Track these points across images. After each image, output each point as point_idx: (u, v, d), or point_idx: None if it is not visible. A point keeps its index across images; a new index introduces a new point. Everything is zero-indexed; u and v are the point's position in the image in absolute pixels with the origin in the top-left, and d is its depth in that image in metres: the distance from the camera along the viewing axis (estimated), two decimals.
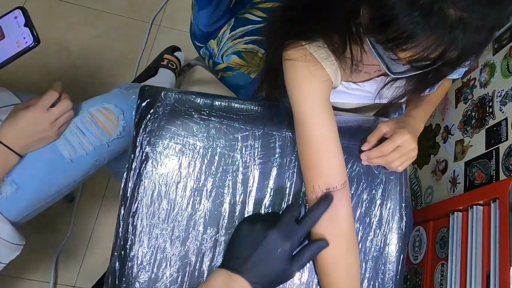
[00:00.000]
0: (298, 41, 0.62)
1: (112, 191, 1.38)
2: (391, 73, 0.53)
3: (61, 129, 0.76)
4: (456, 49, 0.46)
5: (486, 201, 0.87)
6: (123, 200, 0.67)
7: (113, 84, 1.44)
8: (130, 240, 0.66)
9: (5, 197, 0.73)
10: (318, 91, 0.63)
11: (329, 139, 0.63)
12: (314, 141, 0.63)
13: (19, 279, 1.25)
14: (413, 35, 0.45)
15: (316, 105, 0.63)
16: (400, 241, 0.72)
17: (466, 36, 0.45)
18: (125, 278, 0.65)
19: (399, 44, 0.47)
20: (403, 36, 0.46)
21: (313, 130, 0.63)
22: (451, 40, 0.45)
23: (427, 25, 0.44)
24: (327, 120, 0.63)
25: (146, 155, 0.69)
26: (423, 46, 0.46)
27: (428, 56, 0.47)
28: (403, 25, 0.45)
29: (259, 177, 0.71)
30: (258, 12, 1.05)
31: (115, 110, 0.81)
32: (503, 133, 0.91)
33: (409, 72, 0.53)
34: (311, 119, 0.63)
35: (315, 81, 0.62)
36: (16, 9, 0.63)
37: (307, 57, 0.61)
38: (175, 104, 0.72)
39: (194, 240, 0.67)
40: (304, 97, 0.63)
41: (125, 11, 1.59)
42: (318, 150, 0.63)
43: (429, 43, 0.46)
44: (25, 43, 0.63)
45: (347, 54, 0.57)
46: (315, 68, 0.62)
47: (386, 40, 0.48)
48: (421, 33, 0.45)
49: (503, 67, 0.96)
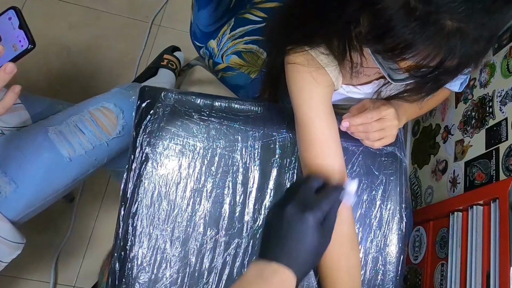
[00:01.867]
0: (300, 46, 0.62)
1: (112, 191, 1.38)
2: (392, 80, 0.53)
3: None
4: (454, 58, 0.46)
5: (486, 201, 0.87)
6: (123, 201, 0.67)
7: (113, 84, 1.43)
8: (130, 241, 0.66)
9: (4, 196, 0.73)
10: (321, 95, 0.63)
11: (331, 142, 0.63)
12: (316, 143, 0.63)
13: (19, 279, 1.25)
14: (411, 45, 0.45)
15: (319, 108, 0.63)
16: (400, 242, 0.72)
17: (464, 45, 0.45)
18: (125, 279, 0.65)
19: (398, 54, 0.47)
20: (401, 46, 0.46)
21: (315, 133, 0.63)
22: (448, 50, 0.45)
23: (424, 35, 0.44)
24: (329, 123, 0.63)
25: (146, 156, 0.69)
26: (421, 56, 0.46)
27: (427, 65, 0.48)
28: (401, 35, 0.45)
29: (259, 178, 0.71)
30: (258, 12, 1.05)
31: (114, 110, 0.81)
32: (503, 133, 0.91)
33: (409, 79, 0.53)
34: (314, 122, 0.63)
35: (318, 85, 0.62)
36: (9, 10, 0.59)
37: (310, 61, 0.62)
38: (175, 104, 0.72)
39: (194, 241, 0.67)
40: (306, 101, 0.63)
41: (125, 11, 1.59)
42: (320, 152, 0.64)
43: (427, 52, 0.46)
44: (20, 47, 0.58)
45: (347, 58, 0.57)
46: (318, 73, 0.62)
47: (385, 50, 0.48)
48: (419, 43, 0.45)
49: (503, 67, 0.96)
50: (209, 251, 0.67)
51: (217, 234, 0.68)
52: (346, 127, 0.67)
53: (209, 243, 0.68)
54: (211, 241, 0.68)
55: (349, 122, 0.66)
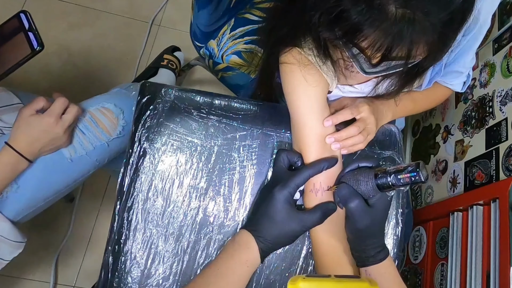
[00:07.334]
0: (288, 45, 0.62)
1: (112, 191, 1.38)
2: (364, 73, 0.53)
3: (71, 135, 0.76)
4: (405, 44, 0.47)
5: (486, 201, 0.87)
6: (119, 195, 0.67)
7: (113, 84, 1.44)
8: (125, 235, 0.66)
9: (5, 196, 0.73)
10: (315, 93, 0.63)
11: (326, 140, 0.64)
12: (311, 141, 0.64)
13: (19, 279, 1.25)
14: (361, 29, 0.47)
15: (313, 107, 0.63)
16: (395, 247, 0.72)
17: (415, 32, 0.46)
18: (117, 273, 0.65)
19: (350, 39, 0.48)
20: (352, 30, 0.47)
21: (310, 131, 0.64)
22: (397, 34, 0.46)
23: (371, 19, 0.46)
24: (325, 121, 0.64)
25: (144, 150, 0.69)
26: (371, 40, 0.47)
27: (391, 55, 0.48)
28: (350, 19, 0.46)
29: (256, 176, 0.71)
30: (258, 12, 1.05)
31: (114, 110, 0.81)
32: (503, 133, 0.91)
33: (380, 72, 0.53)
34: (309, 121, 0.64)
35: (311, 84, 0.63)
36: (20, 13, 0.63)
37: (300, 61, 0.62)
38: (174, 101, 0.72)
39: (188, 237, 0.68)
40: (300, 99, 0.64)
41: (125, 11, 1.59)
42: (316, 150, 0.64)
43: (376, 37, 0.47)
44: (30, 48, 0.62)
45: (334, 57, 0.57)
46: (310, 72, 0.62)
47: (338, 36, 0.49)
48: (367, 27, 0.46)
49: (503, 67, 0.96)
50: (202, 248, 0.68)
51: (211, 231, 0.68)
52: (328, 125, 0.66)
53: (203, 240, 0.68)
54: (205, 238, 0.68)
55: (335, 139, 0.65)
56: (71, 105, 0.73)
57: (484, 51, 1.05)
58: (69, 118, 0.72)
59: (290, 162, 0.66)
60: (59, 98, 0.72)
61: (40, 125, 0.70)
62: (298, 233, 0.61)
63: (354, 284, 0.43)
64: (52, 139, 0.72)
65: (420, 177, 0.53)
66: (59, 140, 0.73)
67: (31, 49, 0.63)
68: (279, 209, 0.59)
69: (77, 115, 0.74)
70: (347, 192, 0.58)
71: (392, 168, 0.56)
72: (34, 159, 0.73)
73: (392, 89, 0.62)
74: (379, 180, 0.56)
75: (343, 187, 0.59)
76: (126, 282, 0.65)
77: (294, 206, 0.61)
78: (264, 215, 0.61)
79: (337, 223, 0.63)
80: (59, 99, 0.72)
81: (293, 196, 0.61)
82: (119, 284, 0.65)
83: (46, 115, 0.71)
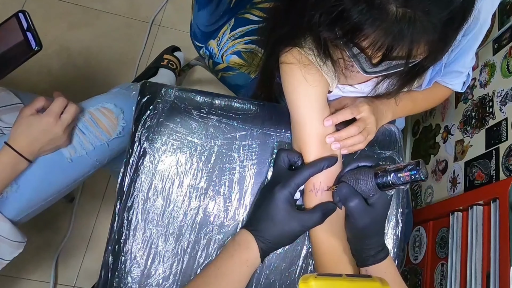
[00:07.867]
0: (288, 45, 0.62)
1: (112, 191, 1.38)
2: (365, 72, 0.53)
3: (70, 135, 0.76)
4: (406, 43, 0.47)
5: (486, 201, 0.87)
6: (119, 195, 0.67)
7: (113, 84, 1.43)
8: (125, 235, 0.66)
9: (5, 196, 0.73)
10: (315, 93, 0.63)
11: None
12: (312, 141, 0.64)
13: (19, 279, 1.25)
14: (361, 29, 0.47)
15: (314, 107, 0.64)
16: (395, 247, 0.72)
17: (415, 32, 0.46)
18: (117, 273, 0.65)
19: (351, 39, 0.48)
20: (352, 30, 0.47)
21: (310, 131, 0.64)
22: (397, 34, 0.46)
23: (371, 18, 0.46)
24: (325, 121, 0.64)
25: (144, 150, 0.69)
26: (372, 39, 0.47)
27: (392, 55, 0.48)
28: (350, 18, 0.46)
29: (256, 176, 0.71)
30: (258, 12, 1.05)
31: (114, 110, 0.81)
32: (503, 133, 0.91)
33: (381, 72, 0.53)
34: (309, 121, 0.64)
35: (312, 84, 0.63)
36: (18, 13, 0.62)
37: (302, 60, 0.62)
38: (175, 101, 0.72)
39: (188, 237, 0.68)
40: (301, 100, 0.64)
41: (125, 11, 1.59)
42: (316, 150, 0.64)
43: (377, 37, 0.47)
44: (28, 48, 0.62)
45: (335, 57, 0.57)
46: (310, 72, 0.62)
47: (339, 36, 0.49)
48: (368, 27, 0.46)
49: (503, 67, 0.96)
50: (202, 248, 0.68)
51: (211, 231, 0.68)
52: (328, 125, 0.66)
53: (203, 240, 0.68)
54: (205, 238, 0.68)
55: (335, 139, 0.65)
56: (70, 105, 0.74)
57: (484, 51, 1.05)
58: (67, 118, 0.72)
59: (290, 161, 0.66)
60: (58, 98, 0.72)
61: (39, 125, 0.70)
62: (298, 233, 0.61)
63: (366, 283, 0.43)
64: (52, 139, 0.72)
65: (420, 175, 0.53)
66: (59, 140, 0.73)
67: (29, 49, 0.62)
68: (280, 209, 0.59)
69: (75, 114, 0.74)
70: (347, 192, 0.58)
71: (392, 167, 0.56)
72: (34, 159, 0.73)
73: (392, 89, 0.62)
74: (379, 179, 0.56)
75: (343, 187, 0.59)
76: (126, 282, 0.65)
77: (294, 206, 0.61)
78: (264, 215, 0.61)
79: (337, 222, 0.63)
80: (58, 99, 0.72)
81: (293, 195, 0.61)
82: (119, 284, 0.65)
83: (45, 115, 0.71)
